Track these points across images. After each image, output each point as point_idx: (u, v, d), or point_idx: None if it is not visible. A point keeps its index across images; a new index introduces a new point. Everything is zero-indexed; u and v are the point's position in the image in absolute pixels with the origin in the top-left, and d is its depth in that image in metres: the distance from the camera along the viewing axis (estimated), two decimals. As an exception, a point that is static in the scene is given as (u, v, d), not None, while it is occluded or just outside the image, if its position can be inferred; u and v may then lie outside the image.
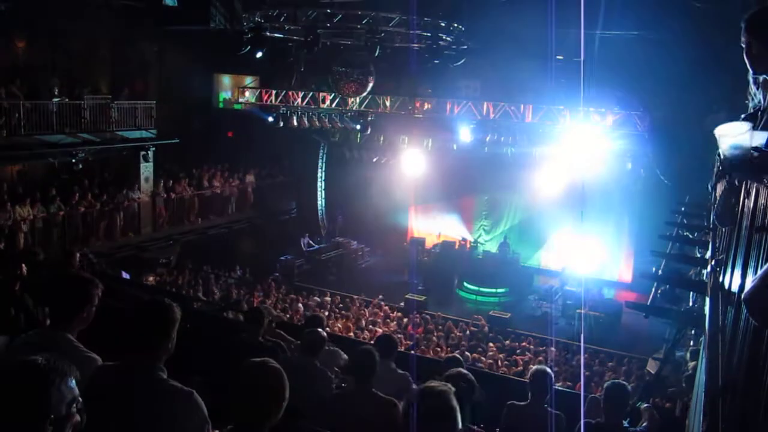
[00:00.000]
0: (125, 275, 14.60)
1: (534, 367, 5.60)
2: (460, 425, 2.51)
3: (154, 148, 19.36)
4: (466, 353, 12.37)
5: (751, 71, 2.59)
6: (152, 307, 3.08)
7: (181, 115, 20.74)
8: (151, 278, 16.82)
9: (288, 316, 14.70)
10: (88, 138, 17.27)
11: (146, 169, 19.28)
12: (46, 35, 17.87)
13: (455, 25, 16.45)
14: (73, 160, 16.93)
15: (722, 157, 2.56)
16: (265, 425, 2.63)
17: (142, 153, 19.07)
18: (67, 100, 16.99)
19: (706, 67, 13.38)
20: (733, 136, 2.46)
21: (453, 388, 2.59)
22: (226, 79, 23.72)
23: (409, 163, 23.08)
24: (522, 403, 5.26)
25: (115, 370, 2.96)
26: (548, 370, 5.34)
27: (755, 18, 2.37)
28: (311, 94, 21.31)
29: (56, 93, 16.86)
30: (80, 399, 2.11)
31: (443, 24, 16.34)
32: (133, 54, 20.86)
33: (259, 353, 3.17)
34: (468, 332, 15.46)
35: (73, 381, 2.10)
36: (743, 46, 2.41)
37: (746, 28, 2.36)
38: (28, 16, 16.60)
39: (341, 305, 17.27)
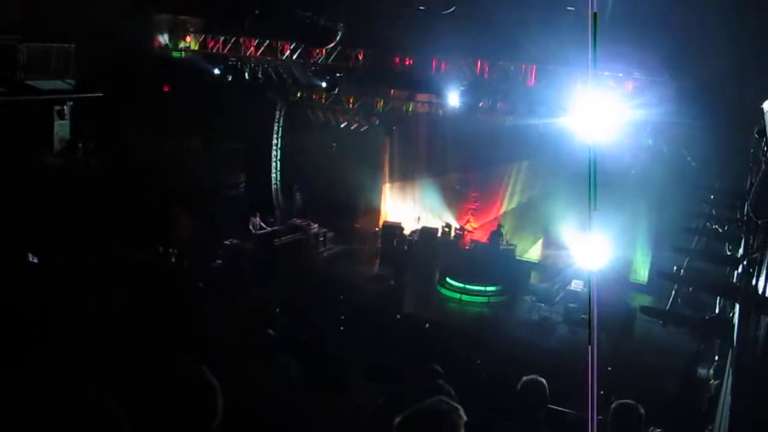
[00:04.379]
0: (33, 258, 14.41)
1: (524, 378, 5.18)
2: None
3: (71, 103, 19.05)
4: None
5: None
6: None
7: (106, 63, 20.35)
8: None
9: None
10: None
11: (62, 128, 18.99)
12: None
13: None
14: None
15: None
16: None
17: (57, 108, 18.77)
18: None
19: (746, 31, 13.46)
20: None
21: None
22: (165, 21, 23.36)
23: (385, 131, 23.03)
24: (508, 423, 5.16)
25: None
26: (542, 380, 5.16)
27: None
28: (267, 42, 21.11)
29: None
30: None
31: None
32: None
33: None
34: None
35: None
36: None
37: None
38: None
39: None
